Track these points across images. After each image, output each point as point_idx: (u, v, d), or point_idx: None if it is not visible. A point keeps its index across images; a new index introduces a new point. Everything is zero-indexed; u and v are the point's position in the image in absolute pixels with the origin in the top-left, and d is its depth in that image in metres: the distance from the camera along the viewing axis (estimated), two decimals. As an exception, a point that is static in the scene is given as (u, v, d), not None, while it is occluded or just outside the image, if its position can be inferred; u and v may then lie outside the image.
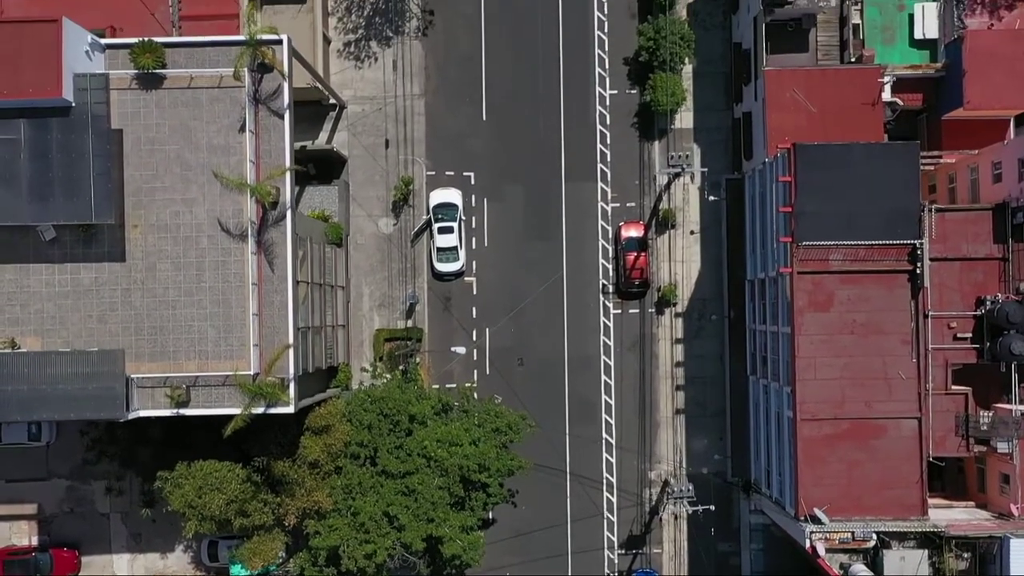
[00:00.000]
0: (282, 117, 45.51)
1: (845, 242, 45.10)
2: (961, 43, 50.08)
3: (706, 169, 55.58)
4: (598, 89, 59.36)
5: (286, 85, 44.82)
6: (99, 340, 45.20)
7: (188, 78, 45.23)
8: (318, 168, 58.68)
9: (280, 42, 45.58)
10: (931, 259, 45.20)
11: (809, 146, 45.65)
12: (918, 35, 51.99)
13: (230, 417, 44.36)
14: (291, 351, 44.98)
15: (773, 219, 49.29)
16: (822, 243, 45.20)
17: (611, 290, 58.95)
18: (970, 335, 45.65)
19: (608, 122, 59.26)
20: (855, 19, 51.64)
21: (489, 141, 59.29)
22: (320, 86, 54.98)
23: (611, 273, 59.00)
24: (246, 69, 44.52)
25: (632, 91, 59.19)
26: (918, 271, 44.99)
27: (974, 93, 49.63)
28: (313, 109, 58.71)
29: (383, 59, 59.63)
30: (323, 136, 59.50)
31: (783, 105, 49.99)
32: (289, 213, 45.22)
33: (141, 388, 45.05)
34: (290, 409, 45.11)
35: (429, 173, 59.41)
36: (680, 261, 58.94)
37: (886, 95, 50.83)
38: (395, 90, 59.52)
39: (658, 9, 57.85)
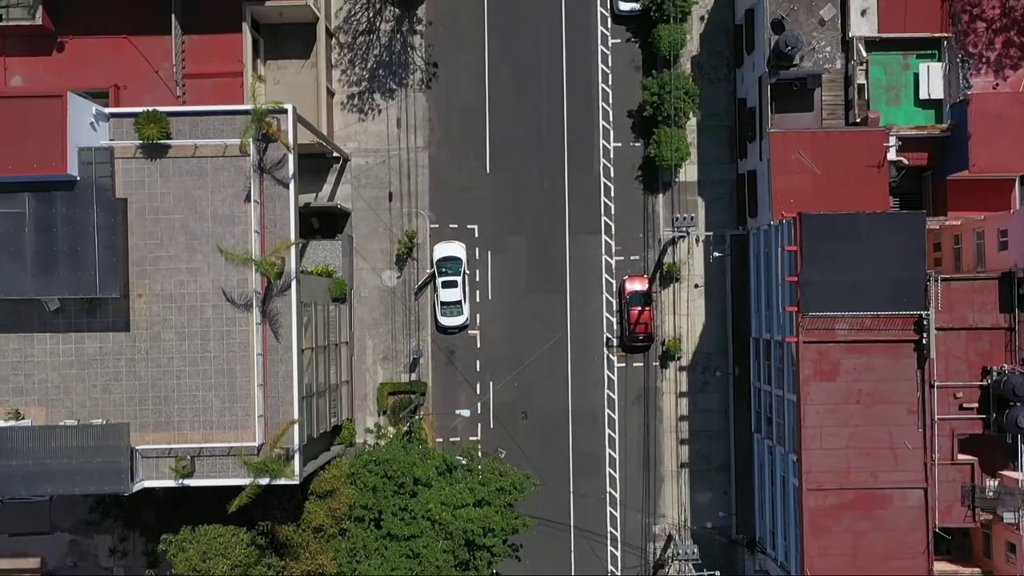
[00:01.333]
0: (287, 186, 45.43)
1: (851, 312, 45.01)
2: (966, 106, 50.03)
3: (711, 233, 55.54)
4: (602, 141, 59.29)
5: (291, 157, 44.71)
6: (103, 410, 45.13)
7: (193, 147, 45.15)
8: (322, 222, 58.65)
9: (285, 111, 45.51)
10: (937, 328, 45.13)
11: (815, 216, 45.59)
12: (923, 95, 51.92)
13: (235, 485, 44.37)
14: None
15: (778, 282, 49.30)
16: (828, 313, 45.11)
17: (615, 343, 58.85)
18: (976, 405, 45.57)
19: (612, 175, 59.20)
20: (860, 79, 51.57)
21: (493, 194, 59.23)
22: (324, 143, 54.88)
23: (615, 327, 58.91)
24: (251, 139, 44.41)
25: (636, 143, 59.13)
26: (924, 341, 44.93)
27: (979, 157, 49.60)
28: (317, 162, 58.62)
29: (387, 111, 59.55)
30: (327, 188, 59.41)
31: (788, 168, 49.95)
32: (294, 284, 45.14)
33: (146, 458, 44.96)
34: (295, 481, 45.04)
35: (433, 226, 59.33)
36: (684, 315, 58.85)
37: (891, 154, 50.78)
38: (399, 142, 59.43)
39: (662, 63, 57.78)
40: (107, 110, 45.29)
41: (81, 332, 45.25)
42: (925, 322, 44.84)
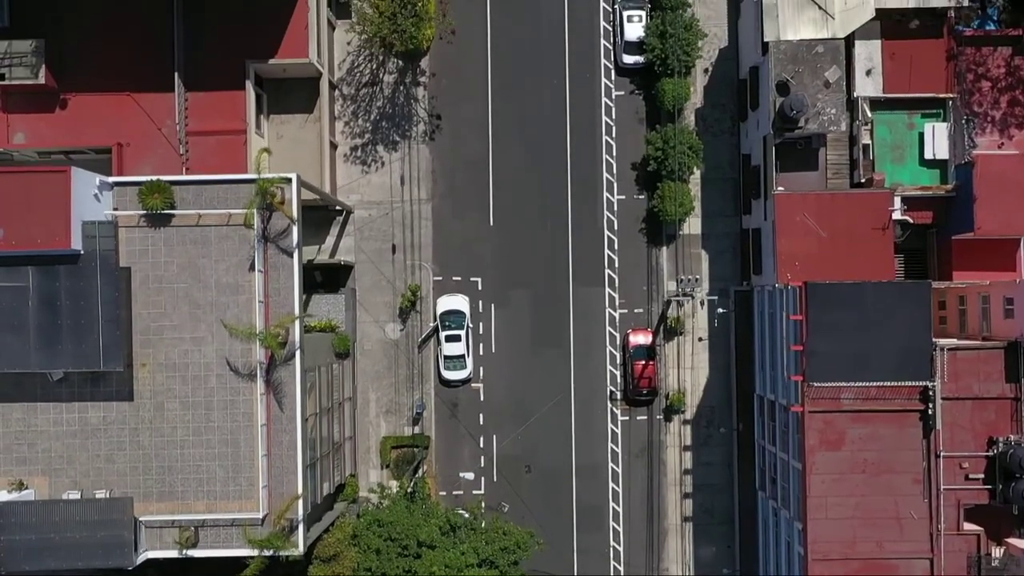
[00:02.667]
0: (291, 255, 45.34)
1: (857, 383, 44.88)
2: (971, 167, 49.92)
3: (715, 298, 55.36)
4: (606, 194, 59.20)
5: (295, 229, 44.60)
6: (107, 480, 45.05)
7: (197, 216, 45.05)
8: (325, 275, 58.53)
9: (289, 180, 45.41)
10: (943, 398, 45.00)
11: (821, 285, 45.41)
12: (928, 155, 51.78)
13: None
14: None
15: (782, 343, 49.20)
16: (834, 384, 44.99)
17: (619, 397, 58.75)
18: (982, 476, 45.41)
19: (616, 227, 59.10)
20: (865, 139, 51.43)
21: (496, 246, 59.11)
22: (327, 200, 54.79)
23: (619, 380, 58.81)
24: (256, 210, 44.32)
25: (640, 196, 59.03)
26: (930, 411, 44.81)
27: (985, 219, 49.47)
28: (321, 214, 58.43)
29: (390, 164, 59.43)
30: (330, 241, 59.26)
31: (793, 230, 49.82)
32: (298, 354, 45.02)
33: (149, 528, 44.87)
34: (299, 552, 44.95)
35: (436, 278, 59.22)
36: (688, 368, 58.75)
37: (896, 213, 50.66)
38: (402, 195, 59.32)
39: (666, 116, 57.68)
40: (110, 179, 45.21)
41: (85, 401, 45.15)
42: (931, 392, 44.70)
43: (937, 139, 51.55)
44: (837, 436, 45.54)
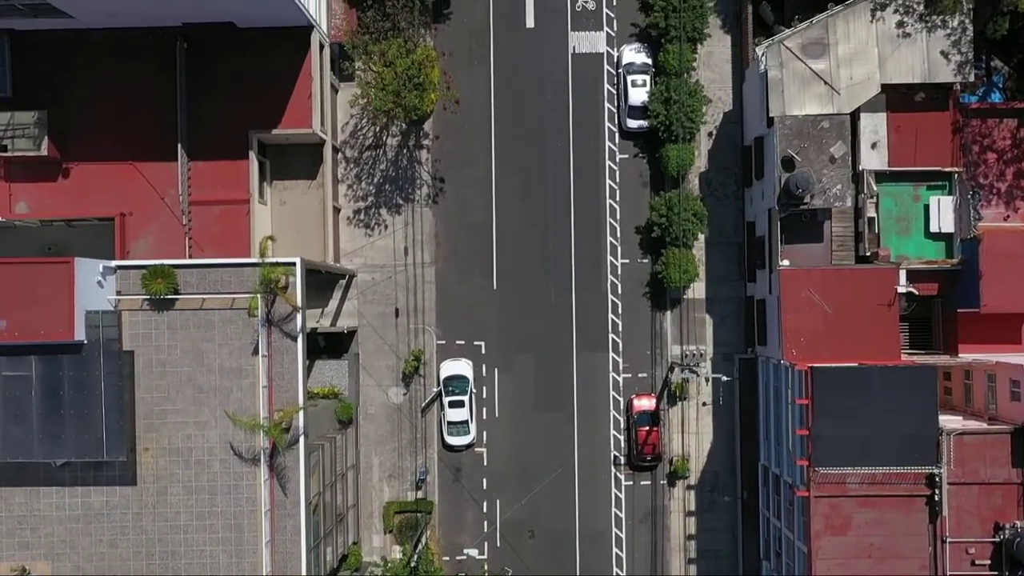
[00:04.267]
0: (295, 339, 45.19)
1: (862, 468, 44.75)
2: (977, 243, 49.75)
3: (720, 376, 55.21)
4: (609, 258, 59.02)
5: (299, 316, 44.45)
6: (110, 565, 44.90)
7: (200, 301, 44.89)
8: (328, 340, 58.31)
9: (293, 264, 45.26)
10: (949, 483, 44.86)
11: (826, 370, 45.31)
12: (934, 228, 51.56)
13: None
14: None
15: (787, 418, 49.05)
16: (839, 470, 44.86)
17: (623, 462, 58.58)
18: (988, 562, 45.25)
19: (620, 291, 58.93)
20: (870, 212, 51.21)
21: (500, 310, 58.94)
22: (330, 270, 54.65)
23: (622, 445, 58.65)
24: (259, 296, 44.20)
25: (644, 260, 58.84)
26: (936, 497, 44.67)
27: (991, 296, 49.29)
28: (324, 277, 58.07)
29: (393, 227, 59.26)
30: (333, 304, 59.01)
31: (798, 306, 49.61)
32: (302, 440, 44.89)
33: (152, 614, 44.81)
34: (303, 638, 44.91)
35: (439, 342, 59.04)
36: (692, 433, 58.59)
37: (901, 286, 50.48)
38: (405, 258, 59.13)
39: (670, 181, 57.54)
40: (113, 263, 45.10)
41: (87, 486, 45.04)
42: (937, 478, 44.56)
43: (942, 212, 51.36)
44: (843, 521, 45.40)
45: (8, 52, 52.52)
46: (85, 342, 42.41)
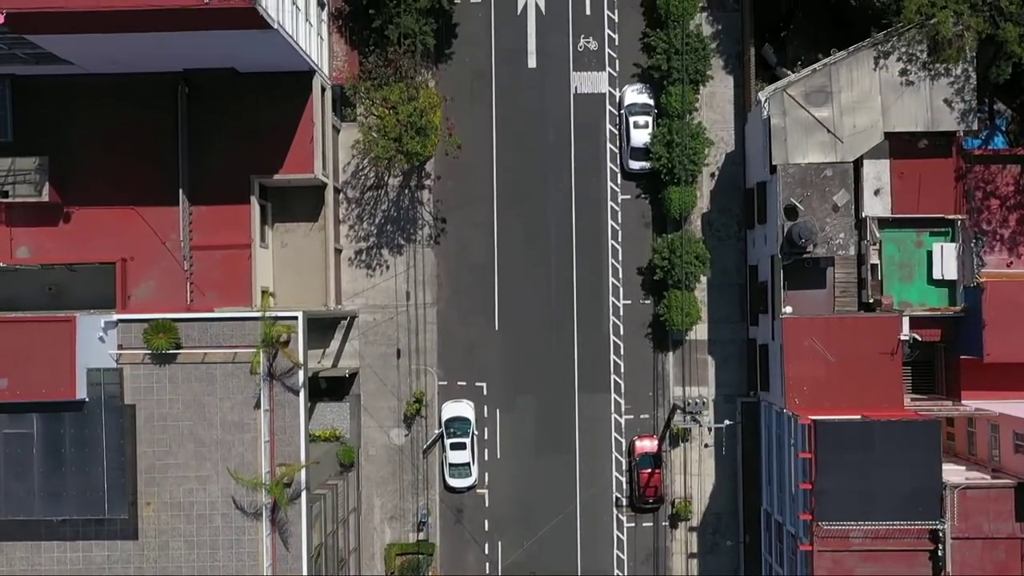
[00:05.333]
0: (297, 393, 45.10)
1: (866, 523, 44.68)
2: (981, 292, 49.64)
3: (722, 425, 55.16)
4: (611, 299, 58.92)
5: (301, 373, 44.36)
6: (111, 619, 44.84)
7: (202, 355, 44.80)
8: (329, 381, 58.20)
9: (295, 318, 45.17)
10: (952, 538, 44.78)
11: (830, 424, 45.27)
12: (936, 275, 51.45)
13: None
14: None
15: (789, 466, 48.98)
16: (843, 524, 44.77)
17: (624, 503, 58.48)
18: (992, 617, 45.23)
19: (622, 332, 58.82)
20: (873, 259, 51.07)
21: (502, 351, 58.83)
22: (332, 315, 54.58)
23: (624, 486, 58.54)
24: (261, 352, 44.12)
25: (646, 301, 58.74)
26: (940, 552, 44.59)
27: (994, 346, 49.17)
28: (325, 319, 58.19)
29: (395, 268, 59.12)
30: (334, 345, 58.97)
31: (801, 354, 49.54)
32: (304, 495, 44.78)
33: (154, 669, 44.71)
34: None
35: (441, 383, 58.95)
36: (695, 475, 58.51)
37: (904, 333, 50.34)
38: (407, 299, 59.01)
39: (672, 223, 57.47)
40: (115, 317, 45.00)
41: (88, 540, 44.98)
42: (941, 533, 44.48)
43: (946, 260, 51.24)
44: (846, 575, 45.28)
45: (9, 97, 52.39)
46: (87, 400, 42.27)
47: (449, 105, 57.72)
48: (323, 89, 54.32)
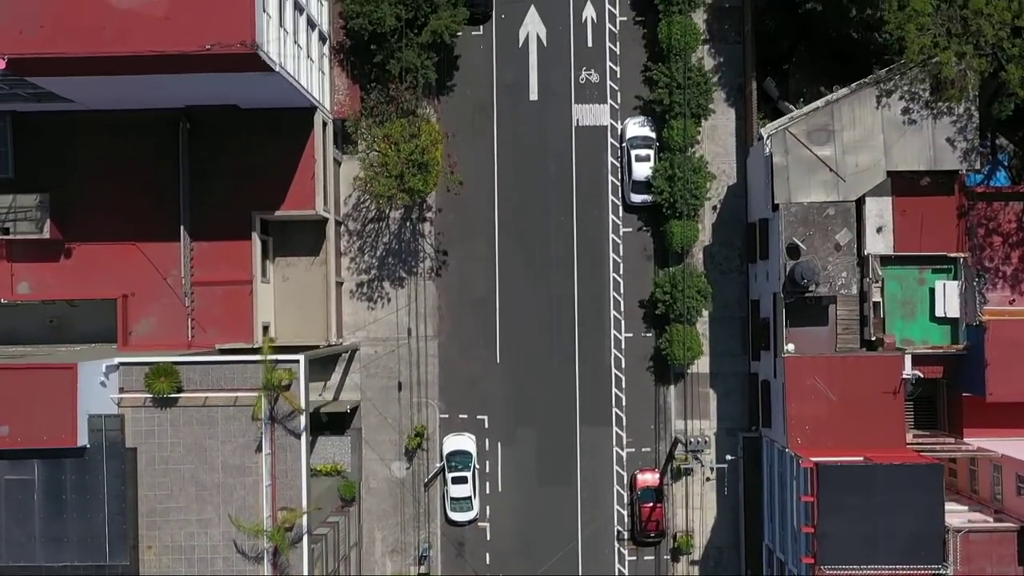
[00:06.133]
0: (298, 437, 45.01)
1: (868, 567, 44.59)
2: (984, 331, 49.54)
3: (724, 466, 55.08)
4: (613, 332, 58.83)
5: (303, 419, 44.29)
6: (112, 663, 44.68)
7: (203, 398, 44.73)
8: (331, 415, 58.05)
9: (297, 361, 45.10)
10: (956, 581, 44.87)
11: (832, 468, 45.20)
12: (939, 313, 51.36)
13: None
14: None
15: (792, 505, 48.90)
16: (845, 568, 44.70)
17: (626, 537, 58.39)
18: (995, 661, 45.17)
19: (623, 365, 58.75)
20: (876, 296, 50.95)
21: (503, 384, 58.74)
22: (334, 351, 54.49)
23: (626, 520, 58.45)
24: (262, 396, 44.03)
25: (648, 334, 58.65)
26: (942, 596, 44.61)
27: (997, 386, 49.03)
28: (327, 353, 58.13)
29: (396, 300, 59.05)
30: (335, 378, 58.91)
31: (803, 393, 49.50)
32: (306, 538, 44.70)
33: None
34: None
35: (442, 416, 58.87)
36: (697, 508, 58.42)
37: (906, 372, 50.26)
38: (408, 332, 58.90)
39: (674, 256, 57.41)
40: (116, 360, 44.87)
41: (90, 585, 44.80)
42: (943, 576, 44.53)
43: (948, 297, 51.14)
44: (849, 618, 45.25)
45: (10, 133, 52.38)
46: (88, 446, 42.19)
47: (451, 146, 57.57)
48: (324, 124, 54.24)
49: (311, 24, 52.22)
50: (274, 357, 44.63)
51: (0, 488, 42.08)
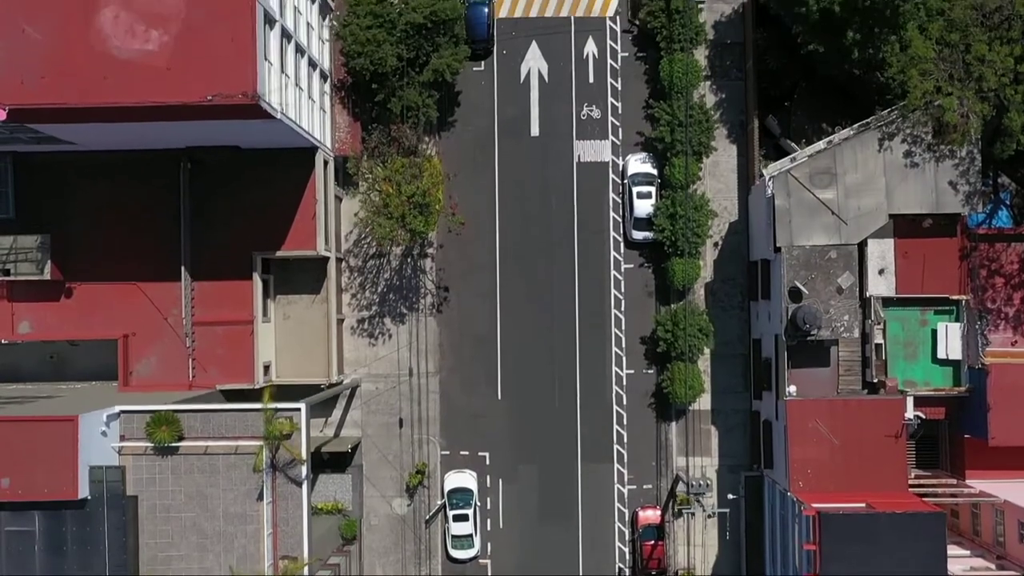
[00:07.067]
0: (300, 485, 44.93)
1: (871, 616, 44.59)
2: (986, 374, 49.47)
3: (726, 510, 55.02)
4: (614, 368, 58.74)
5: (304, 469, 44.21)
6: None
7: (204, 446, 44.66)
8: (332, 453, 57.94)
9: (298, 409, 45.03)
10: (958, 627, 44.79)
11: (835, 516, 45.09)
12: (941, 355, 51.26)
13: None
14: None
15: (794, 551, 48.83)
16: (848, 617, 44.69)
17: (628, 574, 58.29)
18: None
19: (624, 402, 58.66)
20: (878, 338, 50.86)
21: (504, 421, 58.67)
22: (335, 392, 54.44)
23: (628, 557, 58.38)
24: (264, 451, 43.95)
25: (649, 371, 58.57)
26: (945, 645, 44.48)
27: (999, 430, 49.02)
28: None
29: (397, 336, 58.96)
30: (336, 414, 58.85)
31: (805, 437, 49.40)
32: (307, 590, 44.70)
33: None
34: None
35: (444, 453, 58.79)
36: (698, 545, 58.33)
37: (908, 415, 50.17)
38: (409, 368, 58.83)
39: (676, 293, 57.34)
40: (116, 408, 44.77)
41: (91, 634, 44.69)
42: (946, 626, 44.40)
43: (950, 339, 51.02)
44: (851, 666, 45.14)
45: (11, 174, 52.34)
46: (89, 498, 42.10)
47: (452, 186, 57.48)
48: (326, 163, 54.14)
49: (312, 64, 52.12)
50: (275, 405, 44.54)
51: (1, 540, 41.93)
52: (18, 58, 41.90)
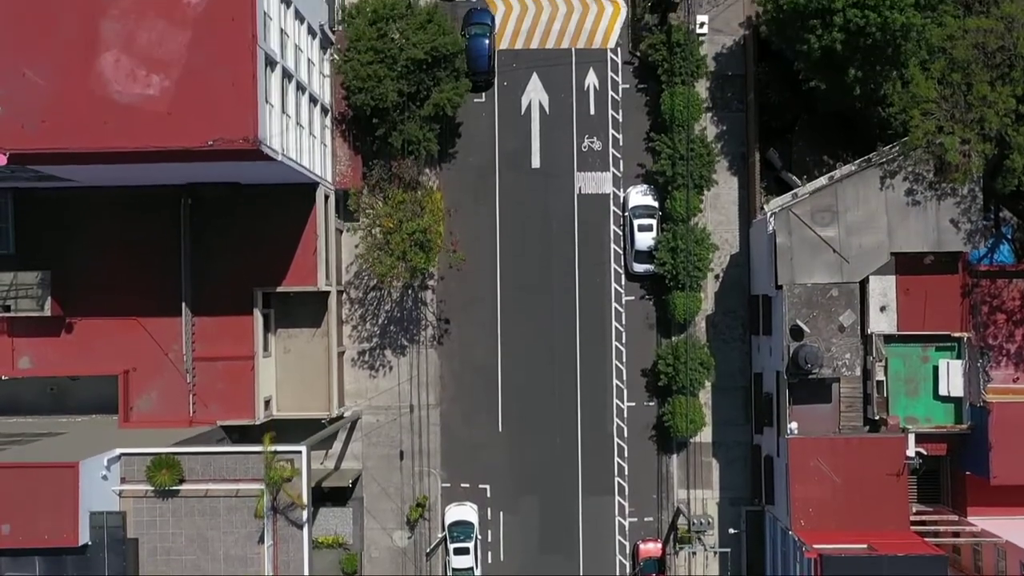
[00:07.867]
0: (301, 528, 44.87)
1: (873, 659, 44.53)
2: (987, 413, 49.40)
3: (728, 550, 54.94)
4: (615, 401, 58.67)
5: (305, 514, 44.15)
6: None
7: (205, 489, 44.60)
8: (332, 486, 57.91)
9: (299, 452, 44.96)
10: (960, 671, 44.74)
11: (837, 560, 45.03)
12: (943, 392, 51.19)
13: None
14: None
15: (796, 587, 48.86)
16: (850, 660, 44.64)
17: (629, 607, 58.40)
18: None
19: (625, 434, 58.60)
20: (879, 375, 50.78)
21: (505, 453, 58.59)
22: (336, 428, 54.38)
23: (629, 590, 58.46)
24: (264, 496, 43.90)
25: (650, 403, 58.50)
26: None
27: (1001, 469, 48.95)
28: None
29: (398, 368, 58.90)
30: (337, 446, 58.78)
31: (807, 475, 49.35)
32: (308, 633, 44.62)
33: None
34: None
35: (444, 485, 58.73)
36: (699, 578, 58.36)
37: (910, 453, 50.10)
38: (410, 400, 58.78)
39: (677, 326, 57.30)
40: (117, 451, 44.69)
41: None
42: (948, 669, 44.37)
43: (952, 376, 50.95)
44: None
45: (11, 210, 52.31)
46: (90, 543, 42.03)
47: (452, 223, 57.40)
48: (326, 197, 54.09)
49: (313, 100, 52.04)
50: (275, 448, 44.45)
51: (1, 585, 41.97)
52: (19, 102, 41.78)
